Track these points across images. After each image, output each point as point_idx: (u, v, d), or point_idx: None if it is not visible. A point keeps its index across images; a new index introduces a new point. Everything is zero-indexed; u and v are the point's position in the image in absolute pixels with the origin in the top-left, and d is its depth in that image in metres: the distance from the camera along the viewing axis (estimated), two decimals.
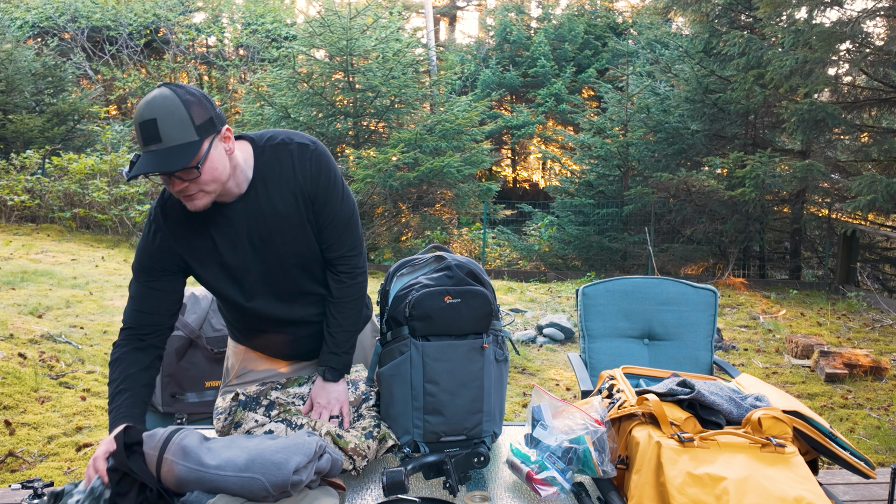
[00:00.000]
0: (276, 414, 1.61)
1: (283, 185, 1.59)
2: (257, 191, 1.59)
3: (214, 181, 1.49)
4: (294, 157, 1.60)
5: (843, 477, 3.02)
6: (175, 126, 1.40)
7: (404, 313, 1.61)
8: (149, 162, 1.40)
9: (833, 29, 7.54)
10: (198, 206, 1.50)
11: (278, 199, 1.59)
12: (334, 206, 1.63)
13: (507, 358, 1.72)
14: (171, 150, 1.40)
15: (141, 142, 1.41)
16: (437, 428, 1.60)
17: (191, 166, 1.42)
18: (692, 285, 2.64)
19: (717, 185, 9.38)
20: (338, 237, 1.66)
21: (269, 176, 1.59)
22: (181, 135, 1.41)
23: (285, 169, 1.59)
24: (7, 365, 4.14)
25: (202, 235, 1.61)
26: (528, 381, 4.73)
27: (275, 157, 1.60)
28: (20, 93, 12.03)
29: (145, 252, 1.62)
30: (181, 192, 1.48)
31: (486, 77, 16.70)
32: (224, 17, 18.42)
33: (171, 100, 1.41)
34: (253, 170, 1.59)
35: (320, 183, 1.61)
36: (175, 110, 1.41)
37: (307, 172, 1.59)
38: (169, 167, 1.39)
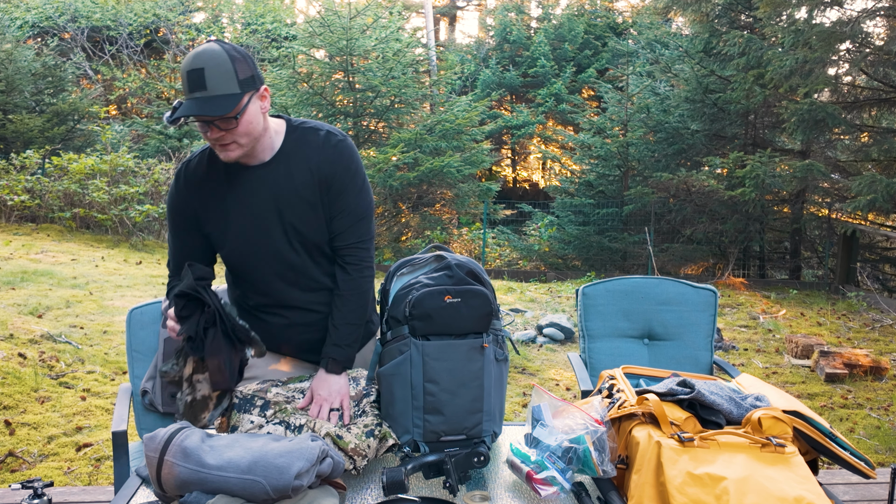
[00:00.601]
0: (272, 414, 1.61)
1: (303, 163, 1.68)
2: (279, 163, 1.68)
3: (248, 135, 1.60)
4: (320, 140, 1.70)
5: (843, 477, 3.02)
6: (220, 77, 1.53)
7: (404, 312, 1.61)
8: (193, 107, 1.52)
9: (833, 29, 7.54)
10: (230, 156, 1.61)
11: (297, 176, 1.68)
12: (349, 197, 1.69)
13: (507, 358, 1.72)
14: (215, 99, 1.53)
15: (186, 89, 1.54)
16: (437, 427, 1.60)
17: (230, 116, 1.54)
18: (692, 285, 2.64)
19: (717, 185, 9.38)
20: (348, 227, 1.70)
21: (292, 153, 1.69)
22: (225, 86, 1.53)
23: (309, 150, 1.69)
24: (7, 365, 4.14)
25: (218, 195, 1.70)
26: (528, 381, 4.73)
27: (303, 137, 1.70)
28: (20, 93, 12.03)
29: (169, 206, 1.77)
30: (217, 141, 1.59)
31: (486, 77, 16.71)
32: (224, 17, 18.42)
33: (219, 53, 1.54)
34: (281, 144, 1.69)
35: (338, 170, 1.68)
36: (222, 63, 1.53)
37: (328, 157, 1.68)
38: (212, 112, 1.52)
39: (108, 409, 3.83)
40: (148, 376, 2.20)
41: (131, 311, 2.27)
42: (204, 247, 1.75)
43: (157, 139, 13.54)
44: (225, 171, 1.70)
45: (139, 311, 2.27)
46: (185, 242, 1.74)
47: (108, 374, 4.36)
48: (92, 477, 3.11)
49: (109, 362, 4.55)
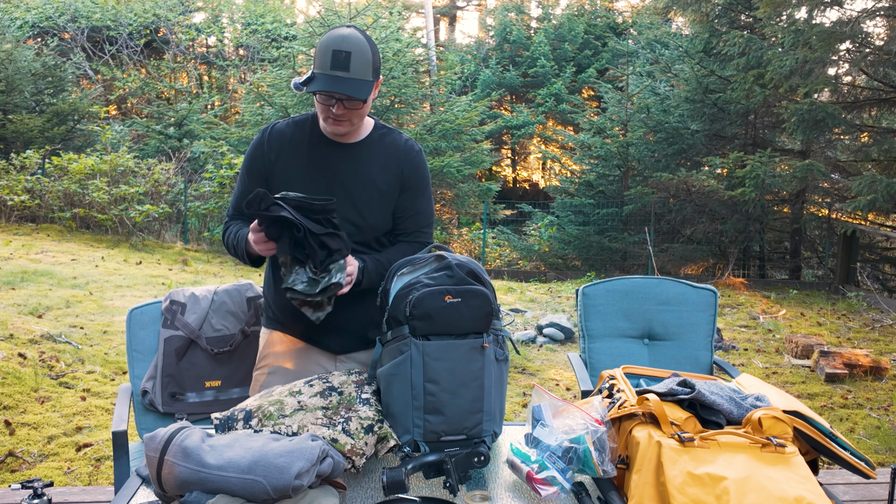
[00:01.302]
0: (257, 423, 1.60)
1: (387, 158, 1.85)
2: (363, 148, 1.85)
3: (361, 118, 1.78)
4: (403, 143, 1.89)
5: (843, 477, 3.02)
6: (363, 63, 1.69)
7: (405, 312, 1.61)
8: (334, 83, 1.66)
9: (833, 29, 7.54)
10: (340, 130, 1.78)
11: (377, 165, 1.84)
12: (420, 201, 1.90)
13: (507, 357, 1.72)
14: (355, 82, 1.68)
15: (328, 65, 1.67)
16: (437, 427, 1.60)
17: (362, 99, 1.69)
18: (692, 285, 2.64)
19: (717, 185, 9.38)
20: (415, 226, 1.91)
21: (377, 144, 1.86)
22: (364, 72, 1.69)
23: (394, 148, 1.87)
24: (7, 365, 4.14)
25: (297, 158, 1.84)
26: (528, 381, 4.73)
27: (389, 134, 1.89)
28: (20, 93, 12.03)
29: (247, 156, 1.89)
30: (336, 117, 1.74)
31: (486, 77, 16.71)
32: (224, 17, 18.42)
33: (364, 42, 1.70)
34: (368, 134, 1.86)
35: (417, 175, 1.88)
36: (365, 51, 1.69)
37: (410, 160, 1.88)
38: (353, 94, 1.67)
39: (108, 409, 3.83)
40: (148, 376, 2.20)
41: (131, 311, 2.27)
42: None
43: (157, 139, 13.54)
44: (309, 142, 1.84)
45: (139, 311, 2.27)
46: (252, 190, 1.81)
47: (108, 374, 4.37)
48: (92, 477, 3.11)
49: (109, 362, 4.55)
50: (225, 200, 10.30)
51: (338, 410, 1.62)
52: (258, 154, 1.87)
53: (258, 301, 2.28)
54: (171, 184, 10.86)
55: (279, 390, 1.71)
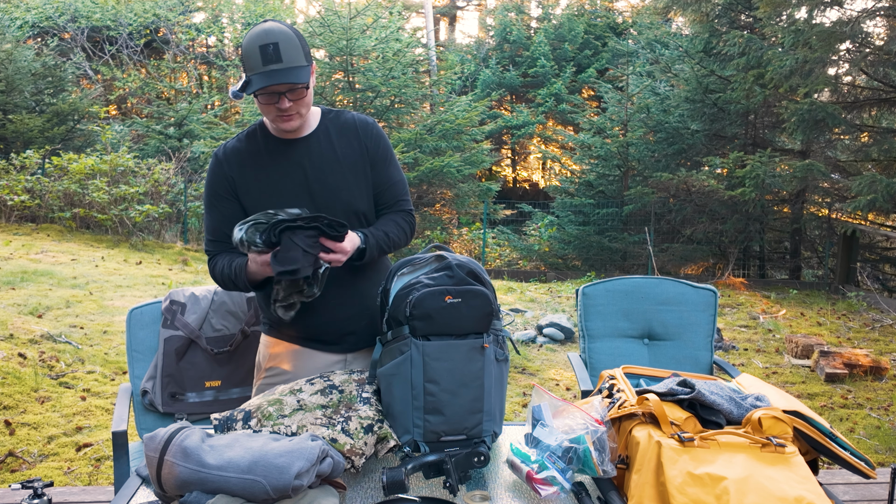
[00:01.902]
0: (256, 423, 1.60)
1: (346, 138, 1.85)
2: (320, 137, 1.84)
3: (306, 106, 1.75)
4: (357, 119, 1.89)
5: (843, 477, 3.02)
6: (292, 50, 1.67)
7: (405, 313, 1.61)
8: (272, 77, 1.64)
9: (833, 29, 7.54)
10: (291, 125, 1.75)
11: (340, 148, 1.84)
12: (391, 170, 1.90)
13: (507, 358, 1.72)
14: (291, 70, 1.66)
15: (259, 62, 1.65)
16: (437, 427, 1.60)
17: (303, 85, 1.69)
18: (692, 285, 2.64)
19: (717, 185, 9.38)
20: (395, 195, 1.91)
21: (333, 129, 1.86)
22: (297, 58, 1.68)
23: (349, 127, 1.87)
24: (7, 365, 4.14)
25: (259, 166, 1.82)
26: (528, 381, 4.73)
27: (340, 115, 1.89)
28: (20, 93, 12.03)
29: (208, 182, 1.85)
30: (283, 112, 1.71)
31: (486, 77, 16.71)
32: (224, 17, 18.42)
33: (287, 30, 1.69)
34: (319, 122, 1.86)
35: (382, 146, 1.88)
36: (292, 37, 1.68)
37: (371, 133, 1.87)
38: (294, 80, 1.65)
39: (108, 409, 3.83)
40: (148, 376, 2.20)
41: (131, 311, 2.27)
42: (240, 216, 1.83)
43: (157, 139, 13.54)
44: (265, 146, 1.83)
45: (139, 311, 2.27)
46: (224, 214, 1.83)
47: (108, 374, 4.37)
48: (92, 477, 3.11)
49: (109, 362, 4.55)
50: None
51: (338, 409, 1.62)
52: (219, 177, 1.83)
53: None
54: (171, 184, 10.86)
55: (280, 389, 1.71)
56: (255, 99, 1.71)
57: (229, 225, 1.78)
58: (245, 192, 1.82)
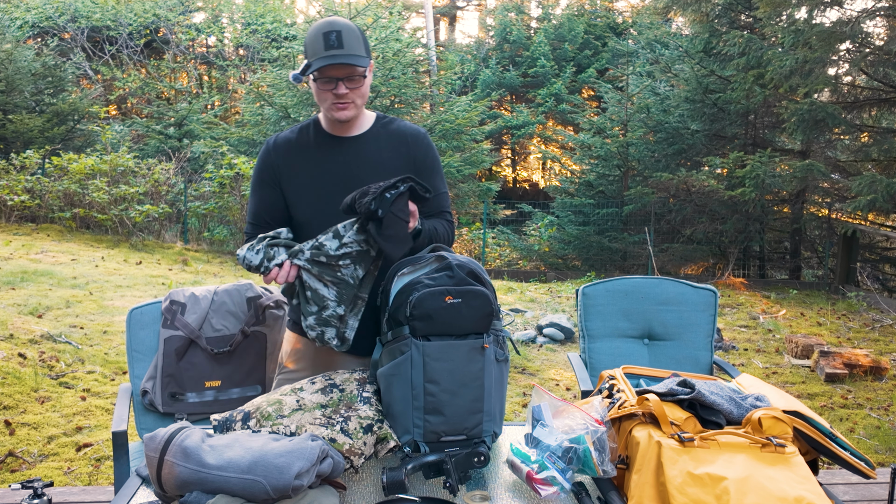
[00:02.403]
0: (255, 423, 1.60)
1: (395, 143, 1.89)
2: (369, 139, 1.89)
3: (362, 97, 1.81)
4: (409, 128, 1.94)
5: (843, 477, 3.02)
6: (355, 40, 1.75)
7: (405, 313, 1.61)
8: (334, 58, 1.71)
9: (833, 29, 7.54)
10: (346, 114, 1.80)
11: (386, 152, 1.88)
12: (436, 181, 1.94)
13: (507, 358, 1.72)
14: (351, 56, 1.73)
15: (322, 47, 1.72)
16: (437, 427, 1.60)
17: (361, 73, 1.76)
18: (692, 285, 2.64)
19: (717, 185, 9.38)
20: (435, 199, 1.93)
21: (384, 134, 1.90)
22: (357, 48, 1.75)
23: (400, 134, 1.91)
24: (7, 365, 4.14)
25: (306, 158, 1.88)
26: (528, 381, 4.73)
27: (393, 122, 1.94)
28: (20, 93, 12.03)
29: (256, 167, 1.93)
30: (339, 99, 1.77)
31: (486, 77, 16.70)
32: (224, 17, 18.42)
33: (350, 23, 1.77)
34: (372, 125, 1.91)
35: (430, 157, 1.93)
36: (354, 30, 1.76)
37: (421, 143, 1.92)
38: (354, 62, 1.72)
39: (108, 409, 3.83)
40: (148, 376, 2.20)
41: (131, 311, 2.27)
42: (281, 205, 1.90)
43: (157, 139, 13.54)
44: (315, 140, 1.89)
45: (139, 311, 2.27)
46: (266, 200, 1.90)
47: (108, 374, 4.37)
48: (92, 477, 3.11)
49: (109, 362, 4.55)
50: (225, 200, 10.30)
51: (337, 409, 1.62)
52: (266, 163, 1.90)
53: (258, 301, 2.28)
54: (171, 184, 10.86)
55: (281, 389, 1.71)
56: (313, 85, 1.79)
57: (269, 211, 1.89)
58: (287, 181, 1.87)
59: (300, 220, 1.88)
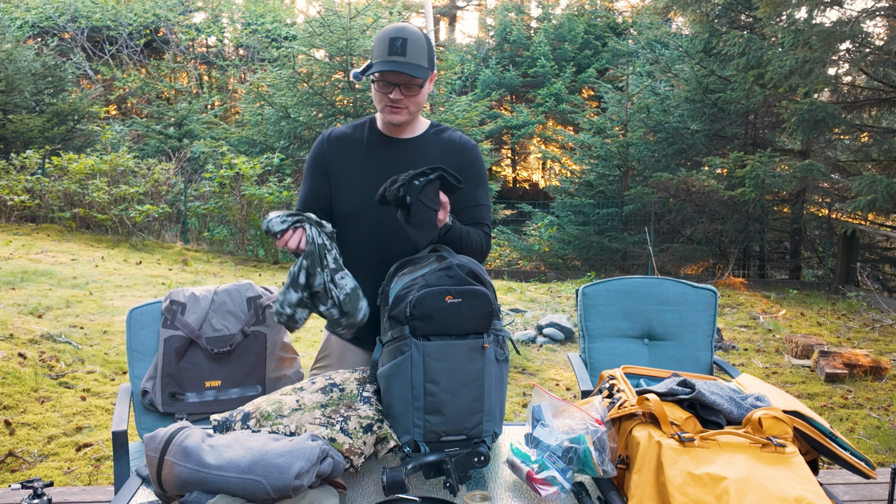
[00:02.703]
0: (255, 423, 1.60)
1: (443, 151, 1.95)
2: (420, 143, 1.95)
3: (417, 105, 1.87)
4: (459, 138, 1.99)
5: (843, 477, 3.02)
6: (418, 50, 1.80)
7: (405, 313, 1.61)
8: (392, 66, 1.77)
9: (833, 29, 7.54)
10: (399, 118, 1.87)
11: (433, 158, 1.92)
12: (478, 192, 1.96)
13: (507, 358, 1.72)
14: (412, 65, 1.78)
15: (385, 52, 1.79)
16: (437, 427, 1.60)
17: (418, 83, 1.82)
18: (692, 285, 2.64)
19: (717, 185, 9.38)
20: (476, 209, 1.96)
21: (434, 140, 1.97)
22: (420, 57, 1.81)
23: (450, 143, 1.97)
24: (7, 365, 4.14)
25: (356, 154, 1.94)
26: (528, 381, 4.73)
27: (445, 131, 2.00)
28: (20, 93, 12.02)
29: (309, 157, 2.00)
30: (394, 103, 1.84)
31: (486, 77, 16.70)
32: (224, 17, 18.42)
33: (419, 33, 1.83)
34: (424, 131, 1.97)
35: (475, 167, 1.97)
36: (421, 39, 1.82)
37: (469, 153, 1.97)
38: (412, 73, 1.77)
39: (108, 409, 3.83)
40: (148, 376, 2.20)
41: (131, 311, 2.27)
42: (329, 195, 1.97)
43: (157, 139, 13.54)
44: (368, 137, 1.96)
45: (139, 311, 2.27)
46: (314, 188, 1.97)
47: (108, 374, 4.37)
48: (92, 477, 3.11)
49: (109, 362, 4.55)
50: (225, 200, 10.29)
51: (337, 408, 1.62)
52: (319, 153, 1.98)
53: (258, 301, 2.28)
54: (171, 184, 10.86)
55: (281, 389, 1.71)
56: (373, 85, 1.85)
57: (317, 200, 1.96)
58: (335, 173, 1.94)
59: (342, 213, 1.94)
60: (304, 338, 5.55)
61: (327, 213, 1.97)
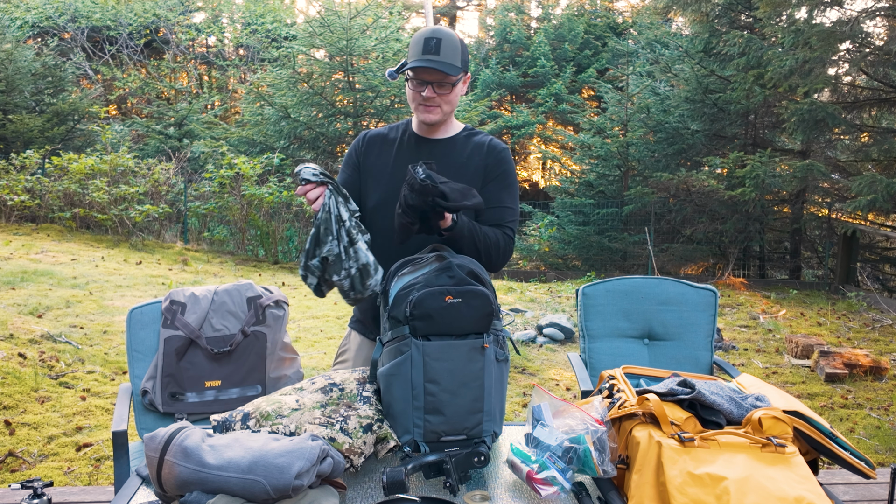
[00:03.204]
0: (254, 423, 1.60)
1: (473, 152, 1.99)
2: (452, 144, 2.00)
3: (449, 104, 1.92)
4: (489, 141, 2.02)
5: (843, 477, 3.02)
6: (452, 50, 1.86)
7: (405, 313, 1.61)
8: (428, 62, 1.83)
9: (833, 29, 7.54)
10: (431, 117, 1.92)
11: (462, 157, 1.97)
12: (503, 194, 1.98)
13: (507, 358, 1.72)
14: (445, 64, 1.84)
15: (420, 51, 1.85)
16: (437, 427, 1.60)
17: (451, 81, 1.88)
18: (692, 285, 2.64)
19: (717, 185, 9.38)
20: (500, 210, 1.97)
21: (465, 141, 2.01)
22: (453, 57, 1.86)
23: (480, 144, 2.01)
24: (7, 365, 4.14)
25: (390, 152, 2.01)
26: (528, 381, 4.73)
27: (477, 134, 2.05)
28: (20, 93, 12.03)
29: (348, 152, 2.07)
30: (426, 101, 1.90)
31: (486, 77, 16.70)
32: (224, 17, 18.42)
33: (454, 34, 1.89)
34: (457, 133, 2.02)
35: (502, 168, 1.99)
36: (455, 41, 1.87)
37: (497, 155, 1.99)
38: (444, 69, 1.83)
39: (108, 409, 3.83)
40: (148, 376, 2.20)
41: (131, 311, 2.27)
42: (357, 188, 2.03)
43: (157, 139, 13.54)
44: (401, 139, 2.02)
45: (139, 311, 2.27)
46: (346, 181, 2.03)
47: (108, 374, 4.37)
48: (92, 477, 3.11)
49: (109, 362, 4.55)
50: (225, 200, 10.30)
51: (337, 408, 1.62)
52: (354, 149, 2.07)
53: (258, 301, 2.28)
54: (171, 184, 10.86)
55: (282, 389, 1.71)
56: (407, 85, 1.92)
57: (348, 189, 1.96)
58: (366, 169, 2.01)
59: (368, 206, 2.00)
60: (303, 338, 5.56)
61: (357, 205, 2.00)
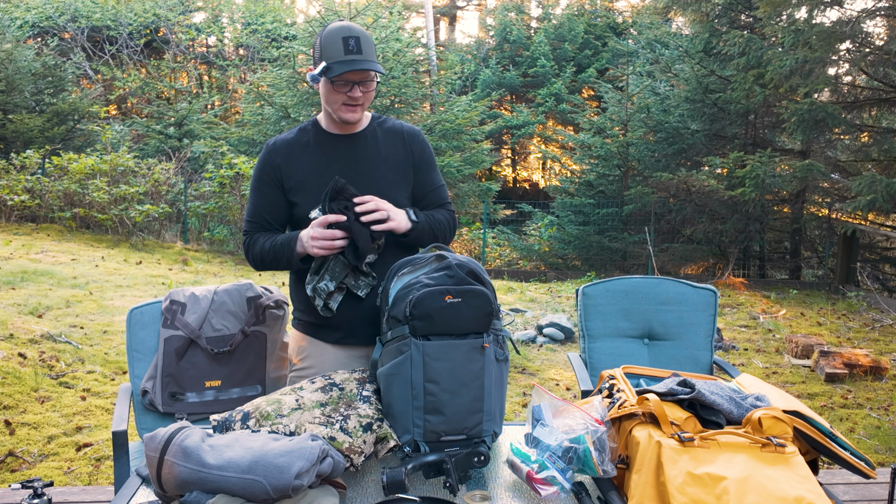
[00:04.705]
0: (254, 423, 1.60)
1: (392, 139, 1.99)
2: (367, 136, 1.98)
3: (369, 101, 1.91)
4: (404, 129, 2.03)
5: (843, 477, 3.02)
6: (370, 47, 1.85)
7: (405, 312, 1.61)
8: (353, 65, 1.80)
9: (833, 29, 7.54)
10: (356, 116, 1.90)
11: (384, 147, 1.97)
12: (433, 175, 2.04)
13: (507, 358, 1.72)
14: (370, 62, 1.83)
15: (341, 51, 1.81)
16: (437, 427, 1.60)
17: (377, 79, 1.91)
18: (692, 285, 2.64)
19: (717, 184, 9.38)
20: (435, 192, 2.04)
21: (380, 131, 2.00)
22: (373, 54, 1.86)
23: (396, 130, 2.01)
24: (7, 365, 4.14)
25: (307, 156, 1.95)
26: (528, 381, 4.73)
27: (388, 120, 2.04)
28: (20, 93, 12.03)
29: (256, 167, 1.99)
30: (352, 101, 1.87)
31: (486, 77, 16.70)
32: (224, 17, 18.42)
33: (364, 30, 1.86)
34: (370, 122, 2.01)
35: (426, 152, 2.03)
36: (370, 37, 1.86)
37: (416, 139, 2.02)
38: (373, 68, 1.81)
39: (108, 409, 3.83)
40: (148, 376, 2.20)
41: (131, 311, 2.27)
42: (282, 204, 1.97)
43: (157, 139, 13.54)
44: (314, 139, 1.97)
45: (139, 310, 2.27)
46: (266, 200, 1.97)
47: (108, 374, 4.37)
48: (92, 477, 3.11)
49: (109, 362, 4.55)
50: (225, 200, 10.30)
51: (337, 407, 1.62)
52: (267, 163, 1.96)
53: (258, 301, 2.28)
54: (171, 184, 10.87)
55: (281, 389, 1.71)
56: (325, 86, 1.87)
57: (268, 210, 1.97)
58: (289, 180, 1.94)
59: (302, 216, 1.93)
60: None
61: (283, 224, 2.00)
